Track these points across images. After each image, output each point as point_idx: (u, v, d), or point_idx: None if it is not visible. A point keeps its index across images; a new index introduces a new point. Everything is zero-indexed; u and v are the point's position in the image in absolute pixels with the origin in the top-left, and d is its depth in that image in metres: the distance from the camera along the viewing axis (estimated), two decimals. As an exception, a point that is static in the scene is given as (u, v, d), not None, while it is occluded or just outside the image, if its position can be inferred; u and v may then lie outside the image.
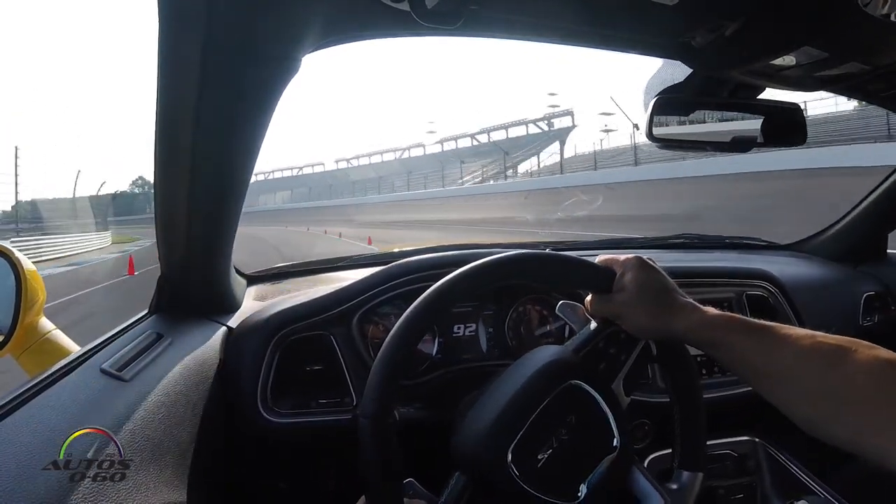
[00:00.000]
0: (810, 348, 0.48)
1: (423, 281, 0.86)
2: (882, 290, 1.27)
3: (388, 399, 0.53)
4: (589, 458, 0.56)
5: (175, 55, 0.52)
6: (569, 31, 0.66)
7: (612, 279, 0.60)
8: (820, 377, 0.47)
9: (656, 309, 0.57)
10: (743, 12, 0.58)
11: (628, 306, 0.58)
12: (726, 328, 0.53)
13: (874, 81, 0.75)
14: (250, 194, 1.00)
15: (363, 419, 0.53)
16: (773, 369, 0.50)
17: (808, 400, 0.48)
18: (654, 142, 0.74)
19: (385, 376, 0.54)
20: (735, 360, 0.53)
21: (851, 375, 0.45)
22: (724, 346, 0.53)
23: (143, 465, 0.51)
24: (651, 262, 0.60)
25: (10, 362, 0.74)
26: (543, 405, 0.56)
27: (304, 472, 0.88)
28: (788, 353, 0.49)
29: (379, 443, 0.52)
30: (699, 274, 1.07)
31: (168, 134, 0.61)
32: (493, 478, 0.54)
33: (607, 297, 0.60)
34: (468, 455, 0.57)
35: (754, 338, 0.51)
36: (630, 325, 0.59)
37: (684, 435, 0.64)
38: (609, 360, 0.61)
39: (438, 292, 0.57)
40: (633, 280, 0.58)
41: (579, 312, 0.66)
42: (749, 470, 0.98)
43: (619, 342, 0.62)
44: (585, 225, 11.61)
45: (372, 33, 0.63)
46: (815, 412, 0.47)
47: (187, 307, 0.82)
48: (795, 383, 0.48)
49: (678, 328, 0.56)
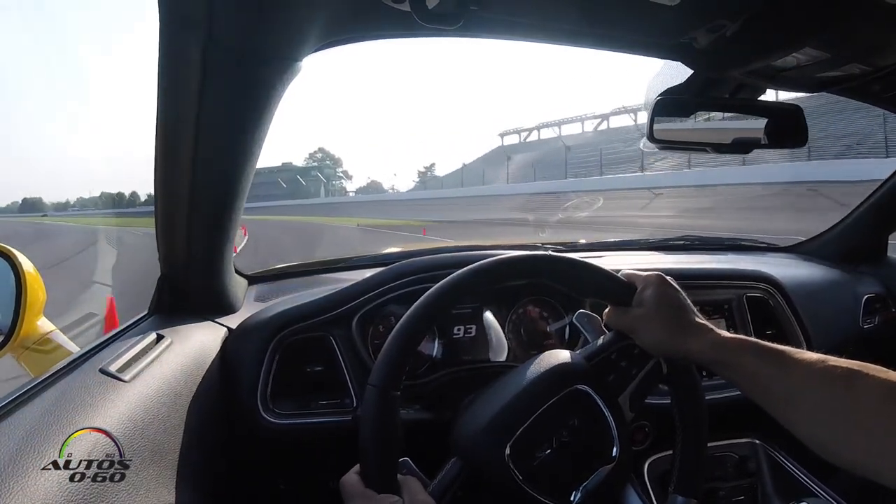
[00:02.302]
0: (820, 371, 0.48)
1: (423, 282, 0.86)
2: (882, 292, 1.27)
3: (399, 370, 0.53)
4: (586, 464, 0.57)
5: (176, 56, 0.53)
6: (569, 31, 0.66)
7: (633, 293, 0.61)
8: (830, 400, 0.47)
9: (671, 327, 0.58)
10: (743, 13, 0.58)
11: (645, 321, 0.59)
12: (738, 350, 0.54)
13: (875, 83, 0.75)
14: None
15: (370, 386, 0.52)
16: (783, 391, 0.50)
17: (817, 422, 0.48)
18: (655, 143, 0.74)
19: (401, 347, 0.54)
20: (746, 381, 0.54)
21: (861, 398, 0.45)
22: (735, 367, 0.54)
23: (142, 466, 0.51)
24: (671, 282, 0.61)
25: (10, 363, 0.74)
26: (548, 404, 0.57)
27: (304, 472, 0.88)
28: (798, 375, 0.49)
29: (382, 412, 0.52)
30: (700, 276, 1.07)
31: (169, 134, 0.61)
32: (489, 469, 0.54)
33: (625, 310, 0.61)
34: (467, 443, 0.57)
35: (766, 360, 0.52)
36: (644, 340, 0.60)
37: (683, 459, 0.64)
38: (619, 373, 0.62)
39: (474, 272, 0.57)
40: (652, 296, 0.59)
41: (595, 323, 0.67)
42: (750, 472, 0.98)
43: (631, 356, 0.62)
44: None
45: (373, 34, 0.63)
46: (824, 434, 0.48)
47: (188, 308, 0.82)
48: (805, 405, 0.49)
49: (691, 348, 0.56)
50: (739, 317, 1.07)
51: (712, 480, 0.96)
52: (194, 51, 0.51)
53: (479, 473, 0.56)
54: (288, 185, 56.91)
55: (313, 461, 0.87)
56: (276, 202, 45.01)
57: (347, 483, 0.51)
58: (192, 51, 0.51)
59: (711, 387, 0.94)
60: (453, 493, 0.55)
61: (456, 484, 0.55)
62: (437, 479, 0.55)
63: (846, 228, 1.36)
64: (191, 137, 0.59)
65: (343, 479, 0.52)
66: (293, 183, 57.74)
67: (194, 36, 0.50)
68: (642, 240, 1.43)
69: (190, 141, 0.60)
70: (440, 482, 0.55)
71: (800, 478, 0.94)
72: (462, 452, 0.57)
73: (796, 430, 0.50)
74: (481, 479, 0.55)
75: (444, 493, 0.54)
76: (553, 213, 12.80)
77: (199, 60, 0.52)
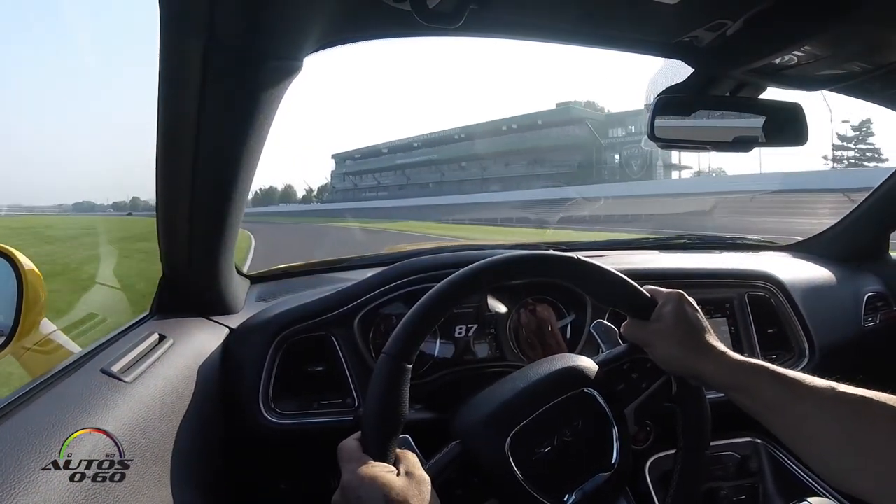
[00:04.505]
0: (834, 398, 0.49)
1: (425, 282, 0.85)
2: (884, 291, 1.27)
3: (415, 343, 0.53)
4: (584, 467, 0.57)
5: (177, 56, 0.52)
6: (570, 31, 0.66)
7: (653, 308, 0.61)
8: (843, 428, 0.47)
9: (687, 345, 0.58)
10: (744, 12, 0.58)
11: (661, 337, 0.59)
12: (752, 374, 0.54)
13: (875, 80, 0.75)
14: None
15: (384, 354, 0.52)
16: (795, 419, 0.50)
17: (829, 450, 0.48)
18: (656, 142, 0.74)
19: (422, 320, 0.53)
20: (758, 405, 0.54)
21: (874, 427, 0.45)
22: (748, 391, 0.54)
23: (143, 466, 0.51)
24: (692, 301, 0.62)
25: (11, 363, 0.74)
26: (555, 402, 0.57)
27: (306, 472, 0.88)
28: (812, 402, 0.50)
29: (391, 381, 0.51)
30: (701, 275, 1.06)
31: (170, 135, 0.61)
32: (488, 456, 0.55)
33: (644, 323, 0.61)
34: (469, 428, 0.58)
35: (778, 386, 0.52)
36: (658, 355, 0.60)
37: (680, 480, 0.63)
38: (629, 384, 0.62)
39: (505, 261, 0.57)
40: (671, 313, 0.59)
41: (612, 335, 0.68)
42: (751, 471, 0.98)
43: (643, 369, 0.63)
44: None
45: (373, 34, 0.63)
46: (836, 464, 0.48)
47: (189, 308, 0.82)
48: (817, 434, 0.49)
49: (704, 369, 0.57)
50: (741, 316, 1.06)
51: (714, 480, 0.96)
52: (195, 51, 0.51)
53: (476, 460, 0.55)
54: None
55: (314, 461, 0.87)
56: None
57: (346, 447, 0.50)
58: (192, 51, 0.51)
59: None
60: (449, 474, 0.54)
61: (453, 466, 0.55)
62: (434, 458, 0.55)
63: (848, 227, 1.36)
64: (191, 137, 0.59)
65: (342, 444, 0.51)
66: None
67: (195, 36, 0.50)
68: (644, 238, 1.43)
69: (191, 141, 0.60)
70: (437, 461, 0.55)
71: (802, 477, 0.94)
72: (463, 437, 0.57)
73: (807, 458, 0.50)
74: (478, 466, 0.55)
75: (440, 473, 0.54)
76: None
77: (200, 60, 0.52)
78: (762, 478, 0.99)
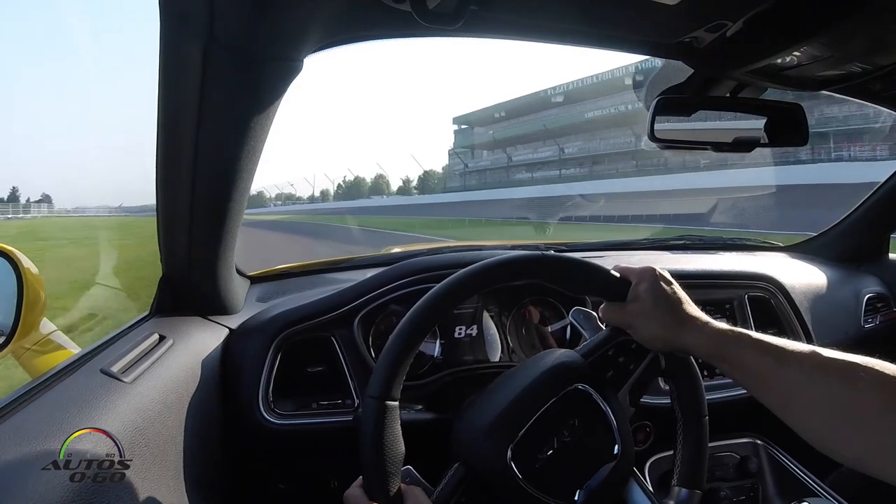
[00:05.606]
0: (820, 365, 0.48)
1: (425, 282, 0.86)
2: (883, 292, 1.27)
3: (397, 379, 0.53)
4: (589, 462, 0.56)
5: (177, 56, 0.53)
6: (569, 31, 0.66)
7: (627, 288, 0.60)
8: (829, 394, 0.46)
9: (668, 321, 0.57)
10: (744, 13, 0.58)
11: (641, 316, 0.58)
12: (736, 343, 0.53)
13: (875, 82, 0.75)
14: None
15: (369, 398, 0.52)
16: (781, 385, 0.50)
17: (816, 417, 0.47)
18: (656, 142, 0.74)
19: (397, 356, 0.53)
20: (744, 375, 0.53)
21: (862, 393, 0.44)
22: (733, 360, 0.54)
23: (143, 466, 0.51)
24: (666, 274, 0.61)
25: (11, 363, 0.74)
26: (548, 405, 0.56)
27: (305, 473, 0.88)
28: (797, 369, 0.49)
29: (381, 424, 0.51)
30: (702, 276, 1.07)
31: (170, 135, 0.61)
32: (492, 473, 0.54)
33: (621, 305, 0.60)
34: (469, 448, 0.57)
35: (763, 353, 0.51)
36: (641, 335, 0.59)
37: (686, 452, 0.63)
38: (617, 369, 0.62)
39: (459, 280, 0.57)
40: (647, 290, 0.58)
41: (592, 320, 0.67)
42: (751, 472, 0.98)
43: (628, 351, 0.62)
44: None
45: (373, 34, 0.63)
46: (824, 430, 0.47)
47: (189, 308, 0.82)
48: (804, 400, 0.48)
49: (688, 341, 0.56)
50: (741, 316, 1.07)
51: (713, 481, 0.96)
52: (195, 51, 0.51)
53: (481, 478, 0.55)
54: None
55: (314, 461, 0.87)
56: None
57: (351, 497, 0.51)
58: (192, 51, 0.51)
59: (712, 387, 0.94)
60: (457, 499, 0.55)
61: (459, 490, 0.55)
62: (439, 486, 0.55)
63: (847, 228, 1.36)
64: (191, 137, 0.59)
65: (346, 494, 0.52)
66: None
67: (195, 36, 0.50)
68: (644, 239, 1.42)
69: (191, 141, 0.60)
70: (443, 489, 0.55)
71: (801, 478, 0.94)
72: (464, 458, 0.57)
73: (795, 425, 0.49)
74: (484, 484, 0.55)
75: (447, 501, 0.54)
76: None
77: (200, 60, 0.52)
78: (762, 478, 0.99)
